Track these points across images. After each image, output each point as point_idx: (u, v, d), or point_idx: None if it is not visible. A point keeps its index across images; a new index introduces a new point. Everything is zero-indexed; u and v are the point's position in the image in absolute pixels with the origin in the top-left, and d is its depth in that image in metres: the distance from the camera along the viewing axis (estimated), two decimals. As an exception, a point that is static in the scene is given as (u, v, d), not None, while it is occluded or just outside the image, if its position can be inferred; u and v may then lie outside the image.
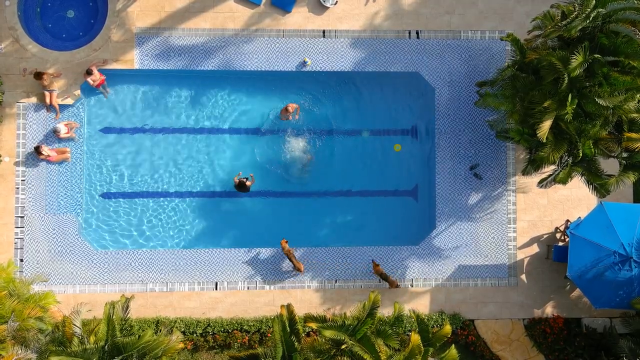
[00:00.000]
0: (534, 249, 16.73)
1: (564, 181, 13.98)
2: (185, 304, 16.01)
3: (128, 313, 12.99)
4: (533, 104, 13.65)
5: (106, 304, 12.56)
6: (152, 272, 16.00)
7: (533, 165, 14.29)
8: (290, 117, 16.44)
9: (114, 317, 12.37)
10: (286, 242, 15.67)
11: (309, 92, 16.97)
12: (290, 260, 15.75)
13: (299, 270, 15.83)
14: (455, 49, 16.72)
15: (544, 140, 13.25)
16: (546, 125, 13.16)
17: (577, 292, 16.60)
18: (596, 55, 12.88)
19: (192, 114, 16.76)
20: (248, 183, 15.94)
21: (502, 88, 14.32)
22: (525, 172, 14.71)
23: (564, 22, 12.95)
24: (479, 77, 16.42)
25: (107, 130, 16.56)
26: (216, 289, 16.11)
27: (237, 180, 15.97)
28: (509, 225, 16.65)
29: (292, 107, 16.26)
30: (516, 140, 14.13)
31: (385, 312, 15.50)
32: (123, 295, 13.27)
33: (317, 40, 16.52)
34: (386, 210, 17.04)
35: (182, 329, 15.63)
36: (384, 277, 15.83)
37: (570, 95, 13.01)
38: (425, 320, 14.67)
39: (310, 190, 16.76)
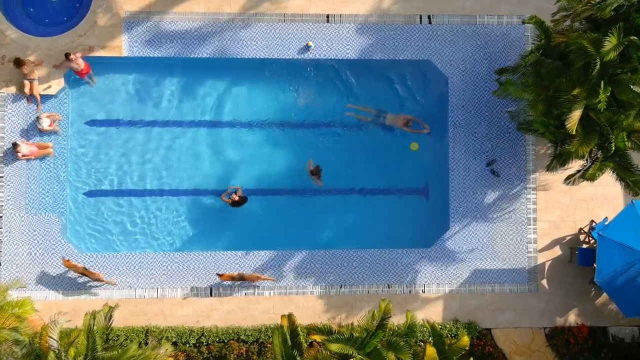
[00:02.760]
0: (556, 251, 15.43)
1: (593, 177, 12.72)
2: (178, 311, 14.74)
3: (111, 323, 11.71)
4: (560, 93, 12.38)
5: (86, 314, 11.31)
6: (141, 276, 14.73)
7: (559, 160, 13.02)
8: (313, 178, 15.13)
9: (95, 328, 11.11)
10: (68, 260, 14.16)
11: (312, 81, 15.68)
12: (86, 275, 14.24)
13: (99, 280, 14.34)
14: (469, 35, 15.43)
15: (573, 132, 11.96)
16: (576, 115, 11.89)
17: (602, 298, 15.31)
18: (632, 38, 11.61)
19: (185, 106, 15.48)
20: (234, 197, 14.72)
21: (524, 75, 13.04)
22: (549, 168, 13.44)
23: (597, 0, 11.65)
24: (495, 65, 15.13)
25: (93, 123, 15.28)
26: (211, 295, 14.84)
27: (235, 199, 14.71)
28: (528, 226, 15.36)
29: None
30: (540, 132, 12.85)
31: (394, 319, 14.16)
32: (106, 304, 11.98)
33: (320, 26, 15.24)
34: (395, 210, 15.75)
35: (174, 339, 14.36)
36: (239, 278, 14.55)
37: (602, 82, 11.71)
38: (439, 329, 13.42)
39: (312, 188, 15.45)
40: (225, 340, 14.51)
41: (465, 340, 12.16)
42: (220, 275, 14.50)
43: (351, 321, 14.70)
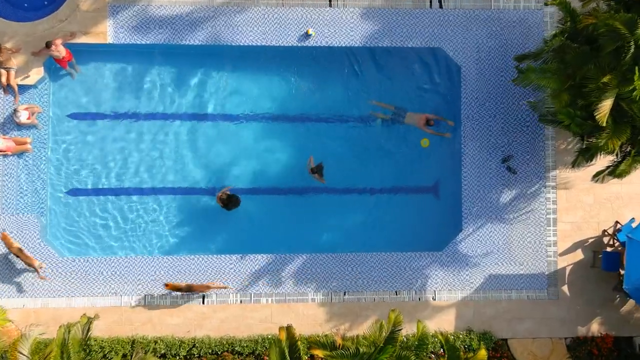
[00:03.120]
0: (578, 255, 14.22)
1: (624, 174, 11.53)
2: (167, 320, 13.55)
3: (89, 336, 10.51)
4: (587, 81, 11.18)
5: (60, 326, 10.14)
6: (127, 282, 13.54)
7: (585, 155, 11.83)
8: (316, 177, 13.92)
9: (70, 342, 9.91)
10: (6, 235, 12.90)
11: (312, 71, 14.48)
12: (19, 257, 12.95)
13: (31, 266, 12.98)
14: (484, 21, 14.23)
15: (603, 124, 10.76)
16: (606, 105, 10.71)
17: (629, 306, 14.12)
18: (671, 18, 10.42)
19: (175, 98, 14.28)
20: (220, 194, 13.52)
21: (547, 62, 11.83)
22: (575, 164, 12.26)
23: (630, -24, 10.48)
24: (511, 53, 13.93)
25: (75, 116, 14.08)
26: (203, 302, 13.65)
27: (225, 195, 13.47)
28: (548, 228, 14.16)
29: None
30: (565, 124, 11.63)
31: (403, 329, 13.00)
32: (84, 314, 10.79)
33: (322, 10, 14.05)
34: (403, 211, 14.52)
35: (163, 351, 13.18)
36: (186, 289, 13.30)
37: (637, 68, 10.51)
38: (452, 340, 12.27)
39: (313, 186, 14.25)
40: (219, 352, 13.34)
41: (483, 354, 11.03)
42: (166, 285, 13.25)
43: (356, 331, 13.59)
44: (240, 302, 13.71)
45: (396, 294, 13.93)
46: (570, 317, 14.10)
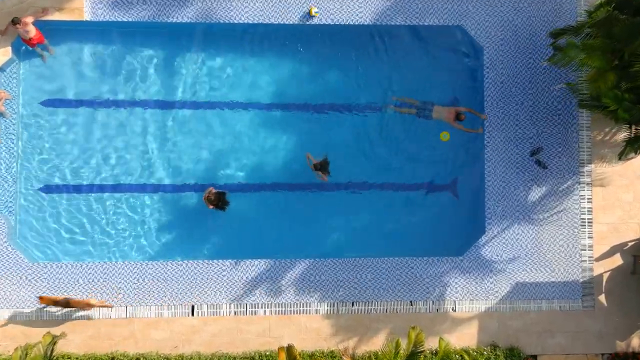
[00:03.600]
0: (616, 260, 12.60)
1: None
2: (152, 334, 11.94)
3: (54, 355, 8.90)
4: (637, 58, 9.56)
5: (17, 348, 8.53)
6: (106, 291, 11.93)
7: (634, 145, 10.22)
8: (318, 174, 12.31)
9: (28, 367, 8.32)
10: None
11: (315, 53, 12.88)
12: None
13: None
14: (510, -4, 12.68)
15: (658, 108, 9.16)
16: (662, 85, 9.09)
17: (674, 318, 12.52)
18: None
19: (160, 84, 12.65)
20: (207, 195, 11.94)
21: (589, 37, 10.21)
22: (622, 156, 10.67)
23: None
24: (540, 33, 12.37)
25: (49, 103, 12.46)
26: (192, 314, 12.03)
27: (212, 195, 11.92)
28: (582, 230, 12.54)
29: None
30: (611, 109, 10.02)
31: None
32: (48, 333, 9.18)
33: (327, -16, 12.49)
34: (418, 211, 12.89)
35: (146, 370, 11.61)
36: (64, 304, 11.54)
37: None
38: (475, 356, 10.69)
39: (317, 183, 12.64)
40: (210, 371, 11.77)
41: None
42: (40, 299, 11.51)
43: (366, 347, 12.02)
44: (235, 313, 12.10)
45: (411, 305, 12.32)
46: (607, 330, 12.47)
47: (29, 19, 11.73)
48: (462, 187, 12.95)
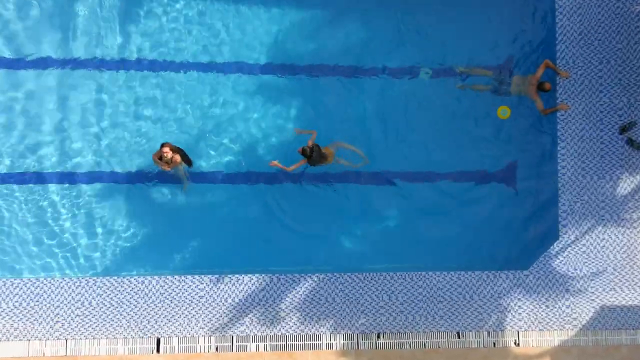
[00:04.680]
0: None
1: None
2: (102, 378, 8.70)
3: None
4: None
5: None
6: (39, 319, 8.66)
7: None
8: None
9: None
10: None
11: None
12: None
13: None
14: None
15: None
16: None
17: None
18: None
19: (122, 37, 9.37)
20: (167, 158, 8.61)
21: None
22: None
23: None
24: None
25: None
26: (158, 350, 8.75)
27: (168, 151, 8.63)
28: (691, 234, 9.25)
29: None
30: None
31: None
32: None
33: None
34: (465, 209, 9.55)
35: None
36: None
37: None
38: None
39: (334, 172, 9.39)
40: None
41: None
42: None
43: (398, 397, 8.64)
44: (217, 349, 8.80)
45: (458, 337, 9.00)
46: None
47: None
48: (525, 177, 9.61)
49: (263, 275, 8.97)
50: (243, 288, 8.91)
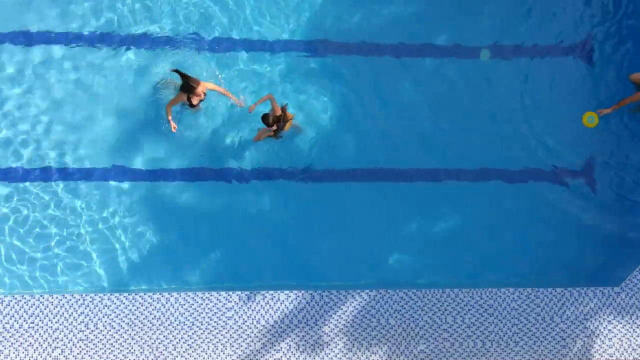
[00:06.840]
0: None
1: None
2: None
3: None
4: None
5: None
6: (36, 344, 7.23)
7: None
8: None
9: None
10: None
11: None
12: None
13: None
14: None
15: None
16: None
17: None
18: None
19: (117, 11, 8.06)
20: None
21: None
22: None
23: None
24: None
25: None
26: (176, 382, 7.29)
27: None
28: None
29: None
30: None
31: None
32: None
33: None
34: (539, 214, 8.10)
35: None
36: None
37: None
38: None
39: (354, 166, 7.99)
40: None
41: None
42: None
43: None
44: (246, 381, 7.33)
45: (533, 369, 7.53)
46: None
47: None
48: (607, 174, 8.16)
49: (302, 291, 7.49)
50: (279, 307, 7.43)
